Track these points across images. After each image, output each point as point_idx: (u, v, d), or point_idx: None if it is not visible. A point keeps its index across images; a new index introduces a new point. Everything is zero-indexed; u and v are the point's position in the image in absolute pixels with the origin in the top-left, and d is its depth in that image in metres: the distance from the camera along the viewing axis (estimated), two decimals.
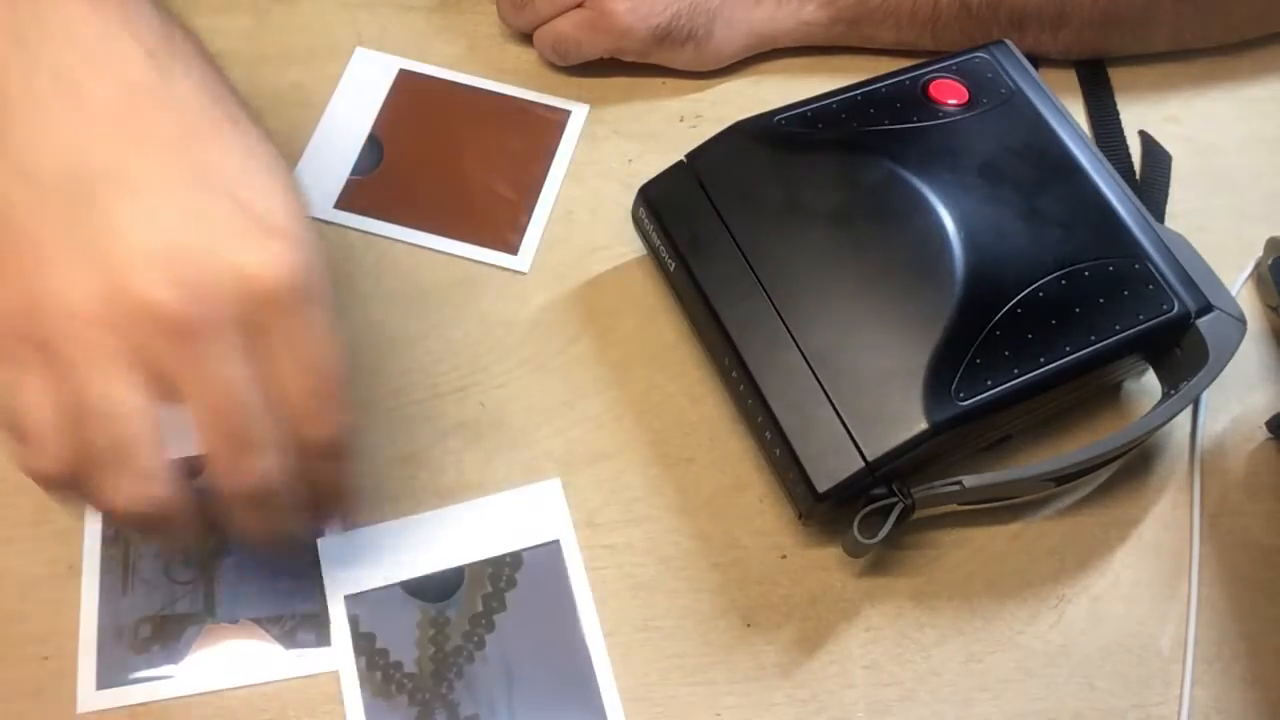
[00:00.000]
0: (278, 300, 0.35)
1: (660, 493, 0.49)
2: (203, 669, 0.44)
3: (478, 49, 0.61)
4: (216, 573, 0.46)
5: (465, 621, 0.46)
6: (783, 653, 0.46)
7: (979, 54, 0.54)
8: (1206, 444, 0.53)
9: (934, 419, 0.44)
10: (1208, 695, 0.47)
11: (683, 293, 0.51)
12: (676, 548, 0.48)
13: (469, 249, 0.55)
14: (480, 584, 0.47)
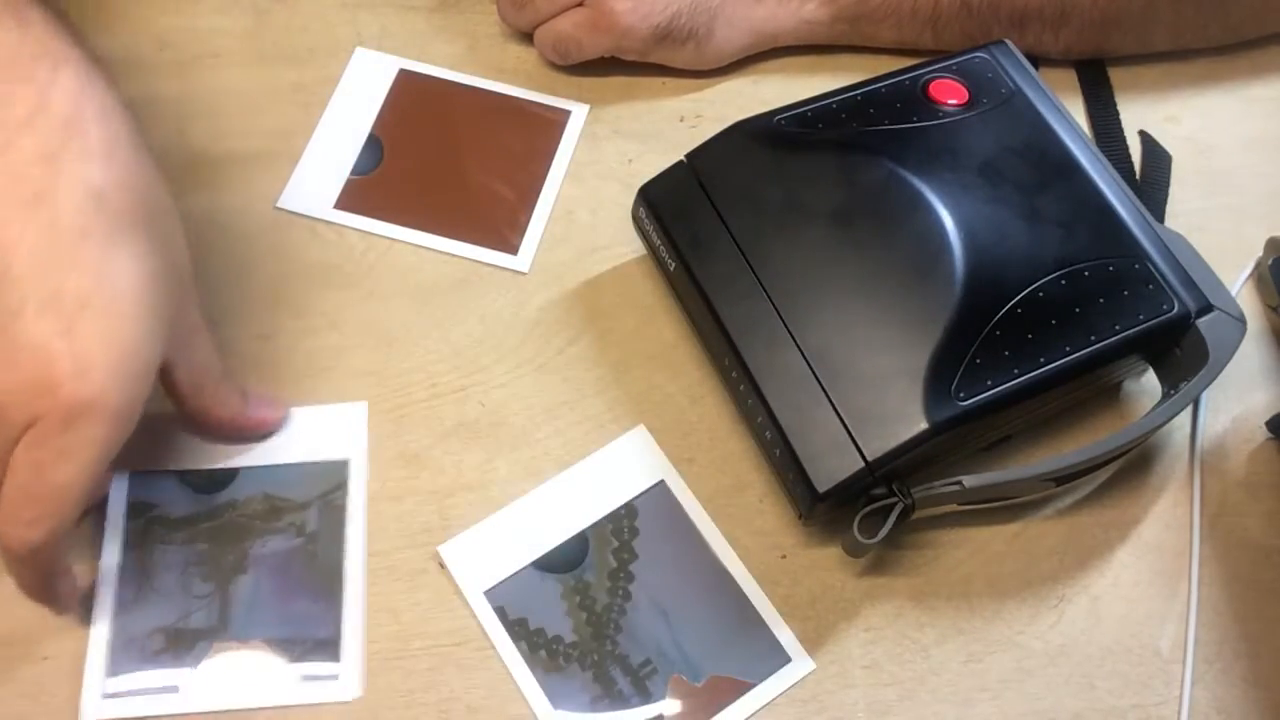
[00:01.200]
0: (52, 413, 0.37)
1: None
2: (211, 686, 0.44)
3: (478, 49, 0.61)
4: (232, 589, 0.46)
5: (605, 579, 0.47)
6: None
7: (979, 54, 0.54)
8: (1206, 444, 0.53)
9: (934, 419, 0.44)
10: (1208, 695, 0.47)
11: (683, 293, 0.51)
12: None
13: (469, 249, 0.55)
14: (606, 541, 0.48)
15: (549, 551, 0.48)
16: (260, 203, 0.55)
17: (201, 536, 0.46)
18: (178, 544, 0.46)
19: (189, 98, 0.58)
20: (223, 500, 0.47)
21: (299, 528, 0.47)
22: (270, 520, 0.47)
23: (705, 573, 0.48)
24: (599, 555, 0.48)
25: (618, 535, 0.48)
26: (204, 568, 0.46)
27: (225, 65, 0.59)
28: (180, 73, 0.58)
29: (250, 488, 0.48)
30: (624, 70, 0.60)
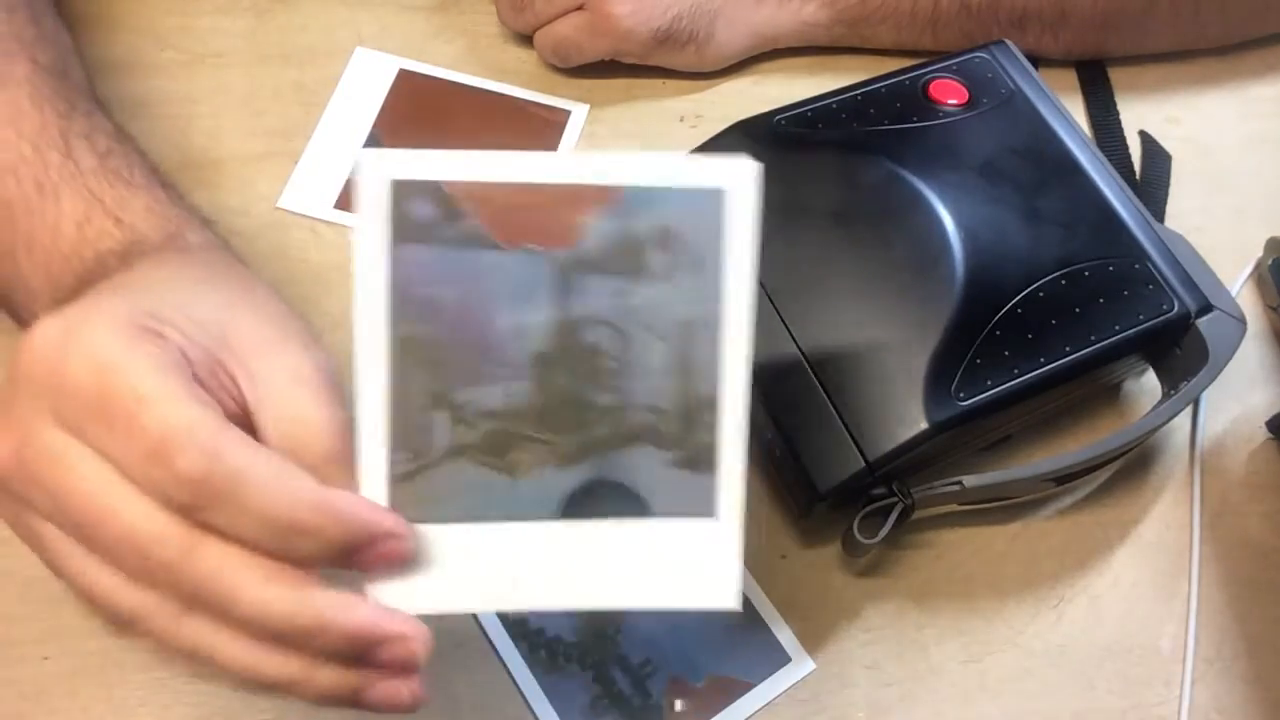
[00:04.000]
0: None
1: None
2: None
3: (478, 49, 0.61)
4: None
5: None
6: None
7: (979, 54, 0.54)
8: (1206, 444, 0.53)
9: (934, 419, 0.44)
10: (1208, 695, 0.47)
11: None
12: None
13: None
14: None
15: None
16: (261, 203, 0.55)
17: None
18: None
19: (189, 98, 0.58)
20: None
21: None
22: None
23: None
24: None
25: None
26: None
27: (225, 65, 0.59)
28: (180, 73, 0.58)
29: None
30: (624, 71, 0.60)
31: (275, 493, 0.31)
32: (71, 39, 0.50)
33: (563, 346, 0.34)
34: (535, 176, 0.34)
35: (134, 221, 0.41)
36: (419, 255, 0.33)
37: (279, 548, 0.32)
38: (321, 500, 0.32)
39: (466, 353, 0.34)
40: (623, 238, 0.34)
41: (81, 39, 0.58)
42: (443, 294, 0.34)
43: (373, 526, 0.33)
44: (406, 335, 0.34)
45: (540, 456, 0.34)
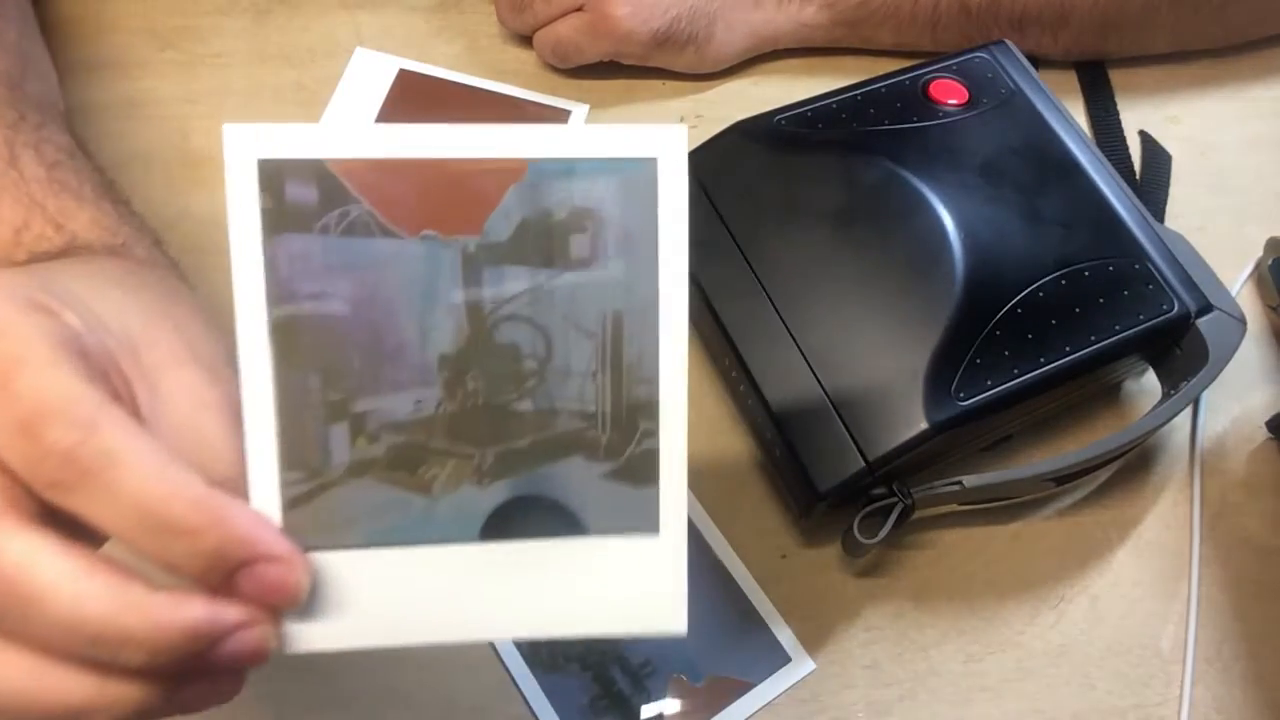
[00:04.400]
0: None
1: None
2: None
3: (478, 49, 0.61)
4: None
5: None
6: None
7: (979, 54, 0.54)
8: (1206, 444, 0.53)
9: (934, 419, 0.44)
10: (1208, 695, 0.47)
11: None
12: None
13: None
14: None
15: None
16: None
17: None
18: None
19: (190, 98, 0.58)
20: None
21: None
22: None
23: (705, 572, 0.48)
24: None
25: None
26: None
27: (226, 65, 0.59)
28: (181, 73, 0.58)
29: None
30: (624, 71, 0.60)
31: (153, 479, 0.28)
32: (43, 53, 0.49)
33: (474, 347, 0.30)
34: (432, 152, 0.30)
35: (76, 230, 0.40)
36: (300, 247, 0.30)
37: (147, 546, 0.28)
38: (205, 497, 0.28)
39: (364, 358, 0.30)
40: (537, 220, 0.30)
41: (81, 39, 0.58)
42: (331, 291, 0.30)
43: (260, 544, 0.29)
44: (292, 339, 0.30)
45: (456, 472, 0.31)
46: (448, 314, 0.30)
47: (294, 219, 0.30)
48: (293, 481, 0.30)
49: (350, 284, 0.30)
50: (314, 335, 0.30)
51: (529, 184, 0.30)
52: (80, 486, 0.27)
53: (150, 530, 0.28)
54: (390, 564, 0.31)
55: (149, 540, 0.28)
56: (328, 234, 0.30)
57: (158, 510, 0.27)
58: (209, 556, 0.28)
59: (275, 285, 0.30)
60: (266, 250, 0.30)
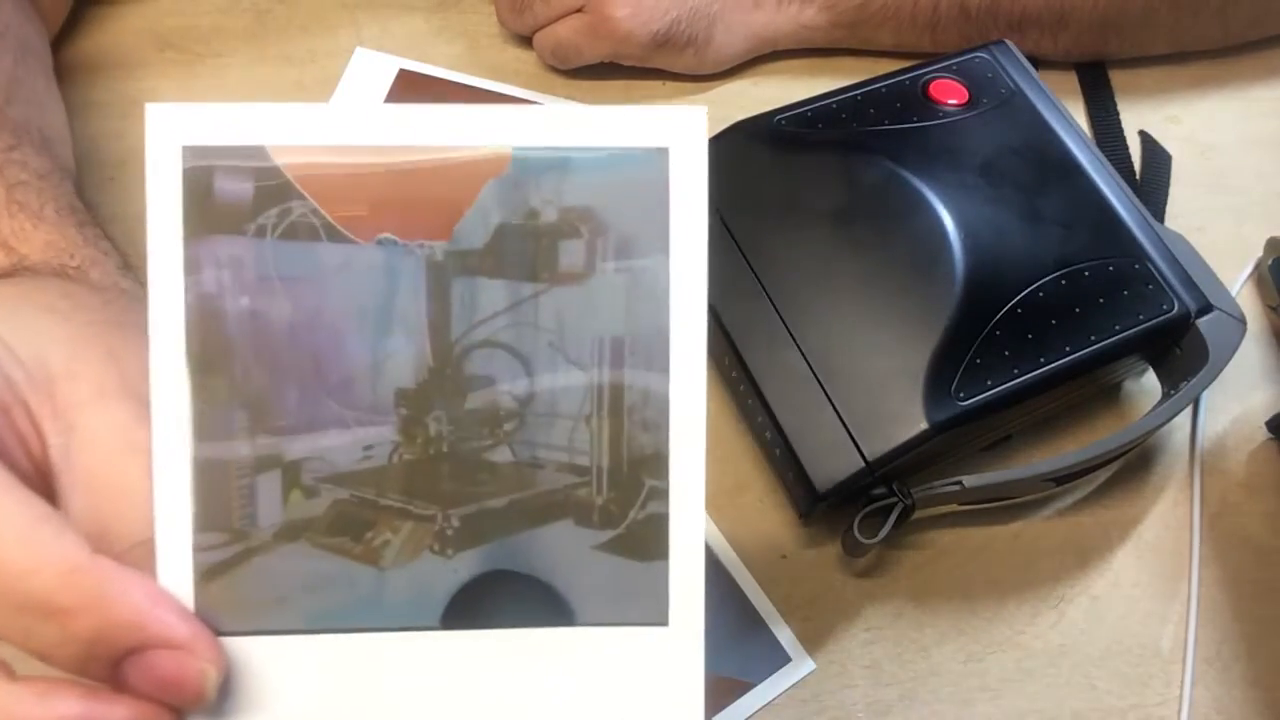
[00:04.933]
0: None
1: None
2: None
3: (478, 49, 0.61)
4: None
5: None
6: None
7: (979, 54, 0.54)
8: (1206, 444, 0.53)
9: (934, 419, 0.44)
10: (1208, 695, 0.47)
11: None
12: None
13: None
14: None
15: None
16: None
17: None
18: None
19: (190, 98, 0.57)
20: None
21: None
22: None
23: (705, 572, 0.47)
24: None
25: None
26: None
27: (226, 65, 0.59)
28: (181, 73, 0.59)
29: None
30: (623, 72, 0.60)
31: (15, 548, 0.22)
32: (46, 84, 0.49)
33: (439, 380, 0.25)
34: (392, 138, 0.24)
35: (27, 252, 0.37)
36: (229, 252, 0.24)
37: (7, 629, 0.23)
38: (81, 569, 0.23)
39: (303, 391, 0.24)
40: (520, 223, 0.25)
41: (81, 39, 0.58)
42: (265, 308, 0.24)
43: (152, 628, 0.23)
44: (214, 365, 0.24)
45: (413, 538, 0.25)
46: (407, 338, 0.25)
47: (223, 218, 0.24)
48: (209, 546, 0.24)
49: (289, 299, 0.25)
50: (242, 361, 0.24)
51: (511, 178, 0.25)
52: None
53: (10, 610, 0.23)
54: (328, 655, 0.25)
55: (8, 623, 0.23)
56: (263, 237, 0.24)
57: (17, 585, 0.22)
58: (85, 643, 0.23)
59: (197, 298, 0.24)
60: (188, 255, 0.24)
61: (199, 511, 0.24)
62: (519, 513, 0.25)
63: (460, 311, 0.25)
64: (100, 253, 0.39)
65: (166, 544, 0.24)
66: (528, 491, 0.25)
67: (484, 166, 0.24)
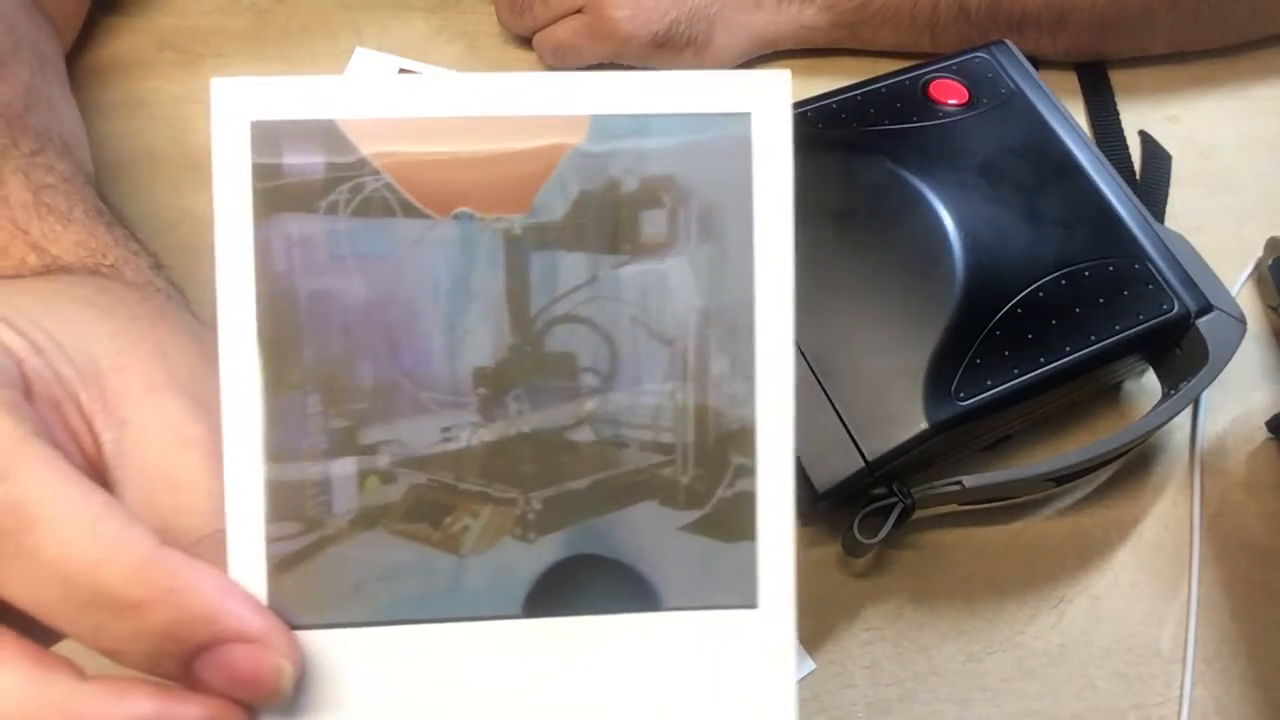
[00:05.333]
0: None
1: None
2: None
3: (478, 49, 0.61)
4: None
5: None
6: None
7: (979, 54, 0.54)
8: (1206, 444, 0.53)
9: (934, 419, 0.44)
10: (1208, 695, 0.47)
11: None
12: None
13: None
14: None
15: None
16: None
17: None
18: None
19: (190, 98, 0.58)
20: None
21: None
22: None
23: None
24: None
25: None
26: None
27: (226, 65, 0.59)
28: (181, 73, 0.58)
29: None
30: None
31: (82, 539, 0.22)
32: (62, 95, 0.49)
33: (519, 358, 0.24)
34: (468, 108, 0.24)
35: (59, 253, 0.37)
36: (300, 230, 0.24)
37: (77, 627, 0.22)
38: (152, 561, 0.22)
39: (379, 372, 0.24)
40: (600, 193, 0.24)
41: (81, 40, 0.58)
42: (339, 287, 0.24)
43: (227, 621, 0.22)
44: (287, 348, 0.24)
45: (493, 523, 0.24)
46: (485, 315, 0.24)
47: (293, 195, 0.24)
48: (283, 536, 0.24)
49: (362, 277, 0.24)
50: (314, 344, 0.24)
51: (590, 147, 0.24)
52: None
53: (78, 607, 0.22)
54: (405, 648, 0.24)
55: (79, 620, 0.22)
56: (336, 214, 0.24)
57: (86, 580, 0.21)
58: (157, 638, 0.22)
59: (268, 279, 0.24)
60: (259, 234, 0.24)
61: (271, 501, 0.24)
62: (602, 494, 0.24)
63: (540, 286, 0.24)
64: (131, 253, 0.38)
65: (238, 535, 0.24)
66: (611, 471, 0.24)
67: (561, 135, 0.24)
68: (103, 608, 0.22)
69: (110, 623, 0.22)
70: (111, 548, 0.22)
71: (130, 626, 0.22)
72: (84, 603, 0.22)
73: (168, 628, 0.22)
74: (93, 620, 0.22)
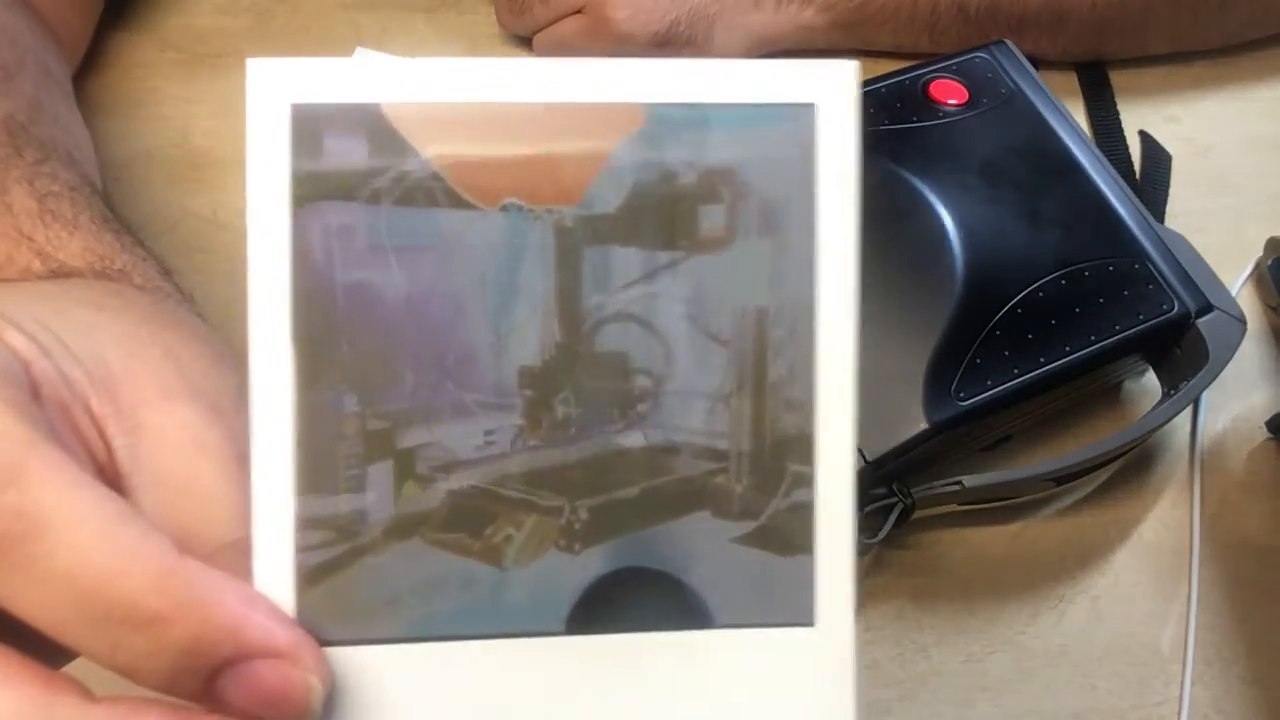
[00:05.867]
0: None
1: None
2: None
3: (477, 49, 0.61)
4: None
5: None
6: None
7: (979, 54, 0.54)
8: (1206, 444, 0.53)
9: (934, 419, 0.44)
10: (1208, 695, 0.47)
11: None
12: None
13: None
14: None
15: None
16: None
17: None
18: None
19: (190, 98, 0.58)
20: None
21: None
22: None
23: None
24: None
25: None
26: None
27: (226, 65, 0.59)
28: (181, 73, 0.59)
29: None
30: None
31: (99, 550, 0.20)
32: (68, 109, 0.49)
33: (568, 358, 0.23)
34: (519, 94, 0.22)
35: (65, 258, 0.36)
36: (339, 219, 0.22)
37: (91, 643, 0.20)
38: (173, 571, 0.21)
39: (419, 371, 0.23)
40: (656, 185, 0.23)
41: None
42: (379, 281, 0.22)
43: (253, 634, 0.21)
44: (323, 344, 0.22)
45: (537, 534, 0.23)
46: (533, 312, 0.23)
47: (333, 183, 0.22)
48: (313, 545, 0.22)
49: (404, 271, 0.23)
50: (352, 340, 0.22)
51: (647, 137, 0.23)
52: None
53: (92, 621, 0.20)
54: (441, 665, 0.23)
55: (93, 635, 0.20)
56: (378, 203, 0.22)
57: (102, 592, 0.20)
58: (178, 654, 0.20)
59: (304, 270, 0.22)
60: (295, 223, 0.22)
61: (302, 505, 0.22)
62: (652, 503, 0.23)
63: (591, 282, 0.23)
64: (139, 258, 0.38)
65: (265, 543, 0.22)
66: (662, 479, 0.23)
67: (616, 124, 0.23)
68: (120, 622, 0.20)
69: (128, 638, 0.20)
70: (129, 557, 0.20)
71: (149, 642, 0.20)
72: (99, 616, 0.20)
73: (189, 643, 0.20)
74: (108, 635, 0.20)
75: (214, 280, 0.51)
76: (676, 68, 0.23)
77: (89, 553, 0.20)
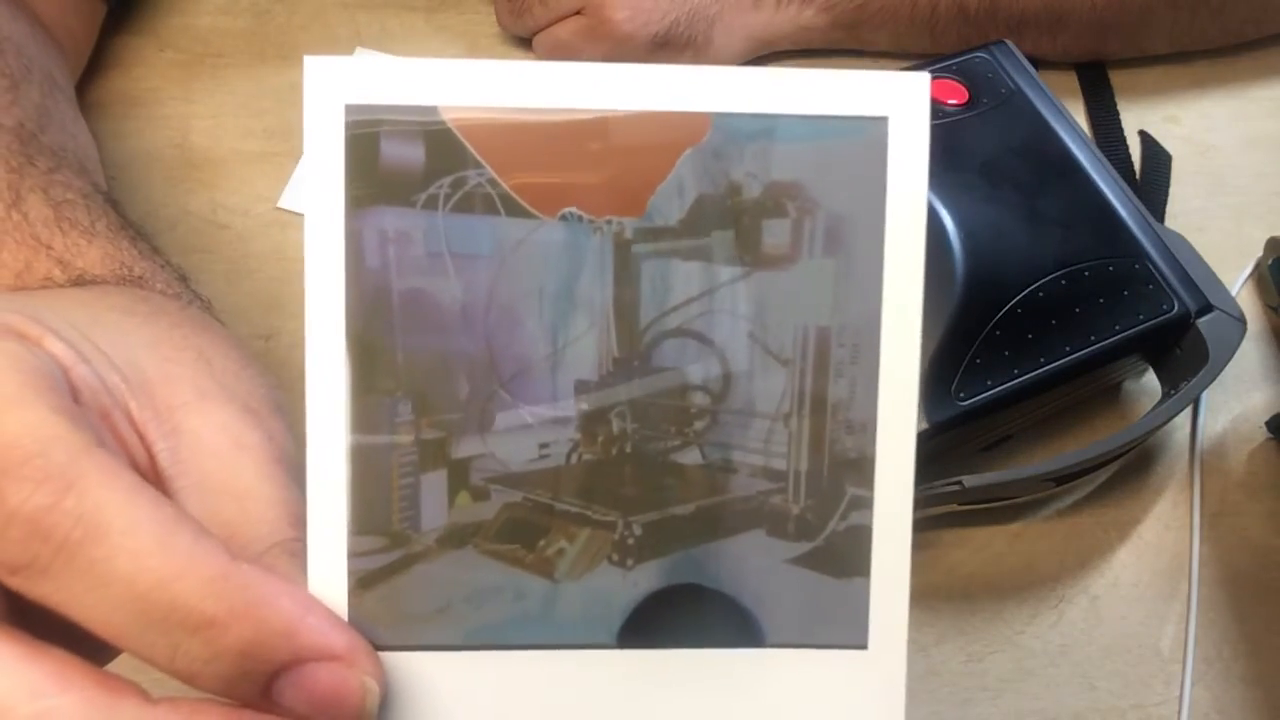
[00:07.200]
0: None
1: None
2: None
3: (478, 49, 0.61)
4: None
5: None
6: None
7: (979, 54, 0.54)
8: (1206, 444, 0.53)
9: (934, 419, 0.44)
10: (1208, 695, 0.47)
11: None
12: None
13: None
14: None
15: None
16: (261, 203, 0.55)
17: None
18: None
19: (190, 98, 0.58)
20: None
21: None
22: None
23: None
24: None
25: None
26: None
27: (226, 65, 0.59)
28: (181, 73, 0.59)
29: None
30: None
31: (157, 555, 0.20)
32: (74, 116, 0.49)
33: (625, 372, 0.23)
34: (581, 100, 0.22)
35: (85, 266, 0.36)
36: (396, 224, 0.22)
37: (149, 647, 0.21)
38: (229, 575, 0.21)
39: (475, 382, 0.23)
40: (720, 197, 0.22)
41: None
42: (435, 288, 0.22)
43: (310, 638, 0.21)
44: (378, 352, 0.22)
45: (590, 548, 0.23)
46: (591, 325, 0.22)
47: (390, 187, 0.22)
48: (366, 551, 0.22)
49: (460, 278, 0.22)
50: (407, 347, 0.22)
51: (710, 148, 0.22)
52: (53, 568, 0.20)
53: (151, 625, 0.20)
54: (492, 674, 0.23)
55: (151, 639, 0.21)
56: (435, 209, 0.22)
57: (159, 596, 0.20)
58: (236, 657, 0.21)
59: (360, 277, 0.22)
60: (350, 228, 0.22)
61: (355, 513, 0.22)
62: (707, 521, 0.23)
63: (650, 296, 0.22)
64: (157, 265, 0.38)
65: (319, 548, 0.22)
66: (717, 498, 0.23)
67: (681, 134, 0.22)
68: (178, 625, 0.20)
69: (185, 641, 0.20)
70: (186, 561, 0.21)
71: (207, 645, 0.20)
72: (158, 620, 0.20)
73: (247, 645, 0.21)
74: (167, 639, 0.20)
75: (214, 280, 0.51)
76: (745, 76, 0.22)
77: (147, 557, 0.20)
